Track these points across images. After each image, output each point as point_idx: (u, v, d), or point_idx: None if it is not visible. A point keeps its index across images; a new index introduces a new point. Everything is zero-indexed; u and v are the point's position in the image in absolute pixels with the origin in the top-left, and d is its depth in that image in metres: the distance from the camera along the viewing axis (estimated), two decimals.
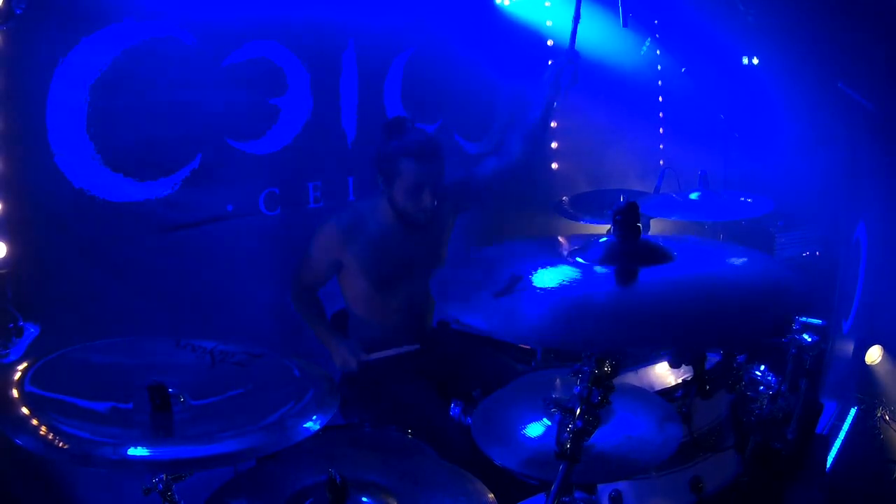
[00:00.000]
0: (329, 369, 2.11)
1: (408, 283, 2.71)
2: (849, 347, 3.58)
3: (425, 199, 2.57)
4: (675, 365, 2.06)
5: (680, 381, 2.07)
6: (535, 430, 1.67)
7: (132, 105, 2.48)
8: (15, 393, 1.45)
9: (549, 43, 4.52)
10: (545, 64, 4.53)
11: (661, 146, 5.28)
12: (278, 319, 3.06)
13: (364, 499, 1.53)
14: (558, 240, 1.76)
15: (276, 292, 3.05)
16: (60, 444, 1.32)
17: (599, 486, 1.99)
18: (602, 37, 4.34)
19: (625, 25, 3.39)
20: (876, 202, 3.62)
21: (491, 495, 1.58)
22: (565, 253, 1.57)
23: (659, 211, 3.06)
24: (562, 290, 1.41)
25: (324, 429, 1.50)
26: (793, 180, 3.92)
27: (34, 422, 1.37)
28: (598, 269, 1.48)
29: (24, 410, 1.40)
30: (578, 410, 1.45)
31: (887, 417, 3.08)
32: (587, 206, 3.73)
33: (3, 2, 2.02)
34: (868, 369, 3.43)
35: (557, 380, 1.88)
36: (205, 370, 1.69)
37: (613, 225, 1.51)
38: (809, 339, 2.54)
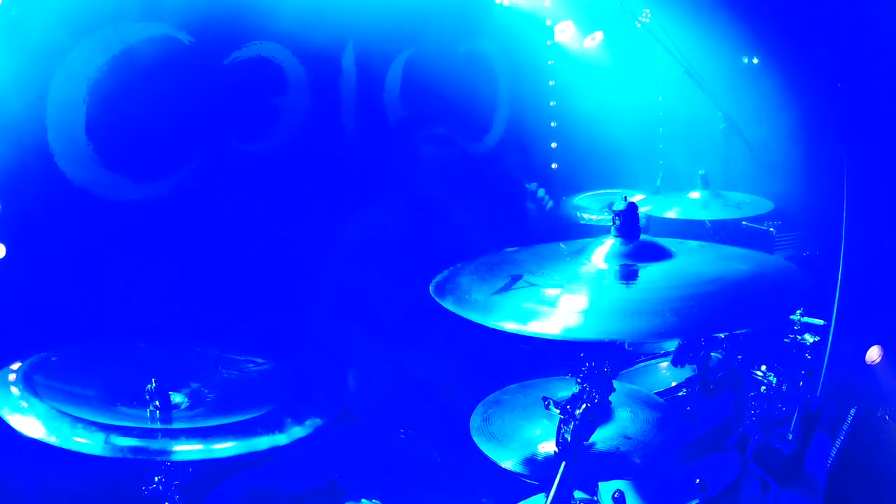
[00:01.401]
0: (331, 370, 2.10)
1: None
2: (849, 347, 3.58)
3: (450, 164, 2.67)
4: (677, 364, 2.06)
5: (683, 380, 2.07)
6: (535, 430, 1.67)
7: (132, 105, 2.48)
8: (14, 391, 1.46)
9: (549, 43, 4.52)
10: (545, 63, 4.57)
11: (660, 146, 5.28)
12: (279, 320, 3.05)
13: (364, 499, 1.54)
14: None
15: (276, 292, 3.05)
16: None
17: (600, 486, 1.99)
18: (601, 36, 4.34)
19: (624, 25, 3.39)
20: (875, 202, 3.62)
21: (491, 495, 1.58)
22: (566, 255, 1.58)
23: (659, 211, 3.06)
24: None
25: (324, 429, 1.50)
26: (793, 180, 3.92)
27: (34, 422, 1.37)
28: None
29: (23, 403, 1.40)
30: (578, 411, 1.45)
31: (887, 417, 3.08)
32: (587, 206, 3.72)
33: None
34: (868, 369, 3.43)
35: (558, 380, 1.88)
36: (206, 371, 1.69)
37: (614, 225, 1.52)
38: (809, 340, 2.54)
